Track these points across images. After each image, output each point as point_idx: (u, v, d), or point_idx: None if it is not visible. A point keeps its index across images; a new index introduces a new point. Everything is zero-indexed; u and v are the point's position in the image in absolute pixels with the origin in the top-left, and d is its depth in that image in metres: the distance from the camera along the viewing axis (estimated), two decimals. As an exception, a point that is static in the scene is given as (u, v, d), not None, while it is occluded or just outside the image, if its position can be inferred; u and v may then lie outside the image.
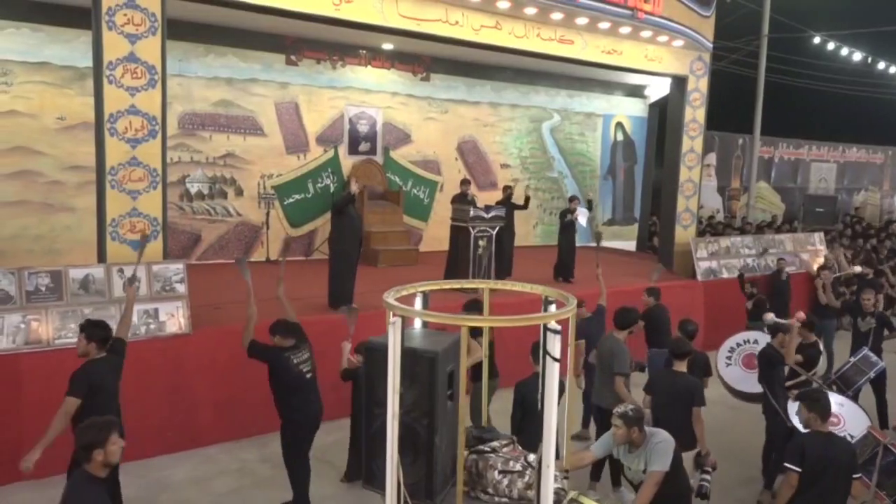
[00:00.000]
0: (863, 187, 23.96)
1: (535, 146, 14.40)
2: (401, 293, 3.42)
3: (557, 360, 3.00)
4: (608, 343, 5.98)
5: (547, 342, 3.01)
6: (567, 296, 3.32)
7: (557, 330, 3.00)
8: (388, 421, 3.03)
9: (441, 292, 4.16)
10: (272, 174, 11.11)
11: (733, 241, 12.10)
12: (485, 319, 4.17)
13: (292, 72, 11.17)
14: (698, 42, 10.98)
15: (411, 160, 12.71)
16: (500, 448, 3.71)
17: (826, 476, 4.09)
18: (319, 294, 8.35)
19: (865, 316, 7.77)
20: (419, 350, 3.17)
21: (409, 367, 3.08)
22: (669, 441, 4.15)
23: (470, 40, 8.93)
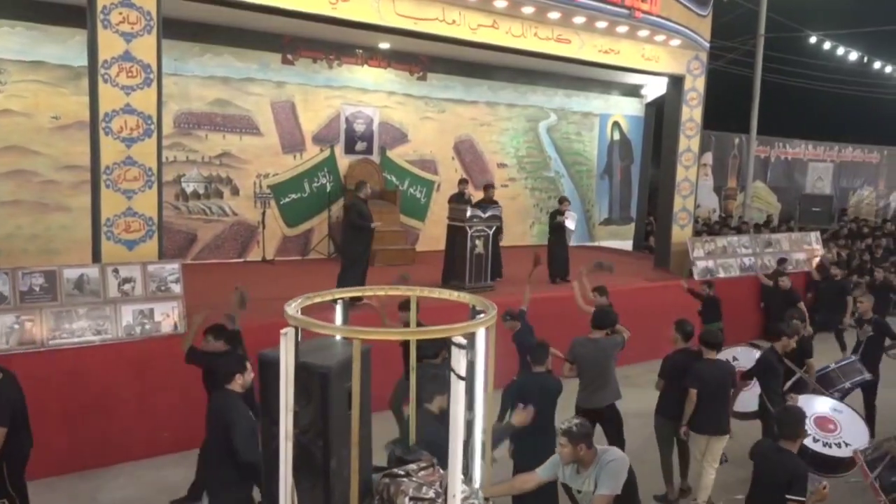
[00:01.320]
0: (859, 187, 24.01)
1: (532, 146, 14.38)
2: (313, 300, 3.14)
3: (462, 378, 2.68)
4: (600, 343, 5.88)
5: (452, 358, 2.68)
6: (488, 304, 3.01)
7: (463, 344, 2.67)
8: (281, 443, 2.77)
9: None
10: (268, 174, 11.07)
11: (730, 241, 12.11)
12: (404, 331, 3.72)
13: (288, 71, 11.14)
14: (695, 41, 10.97)
15: (408, 160, 12.68)
16: (416, 471, 3.29)
17: (767, 487, 4.08)
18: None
19: (863, 323, 7.48)
20: (312, 365, 2.83)
21: (303, 383, 2.80)
22: (623, 460, 3.83)
23: (467, 39, 8.91)
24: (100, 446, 6.15)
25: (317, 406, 2.82)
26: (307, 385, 2.81)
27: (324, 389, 2.80)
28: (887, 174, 24.99)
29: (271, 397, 2.90)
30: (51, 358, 5.95)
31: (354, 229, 8.10)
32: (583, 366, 5.85)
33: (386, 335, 3.15)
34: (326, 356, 2.90)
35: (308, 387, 2.81)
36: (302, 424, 2.83)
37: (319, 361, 2.85)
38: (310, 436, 2.85)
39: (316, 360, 2.86)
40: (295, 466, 2.79)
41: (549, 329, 8.89)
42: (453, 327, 2.69)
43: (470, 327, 2.79)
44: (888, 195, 25.28)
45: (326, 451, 2.83)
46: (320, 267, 10.78)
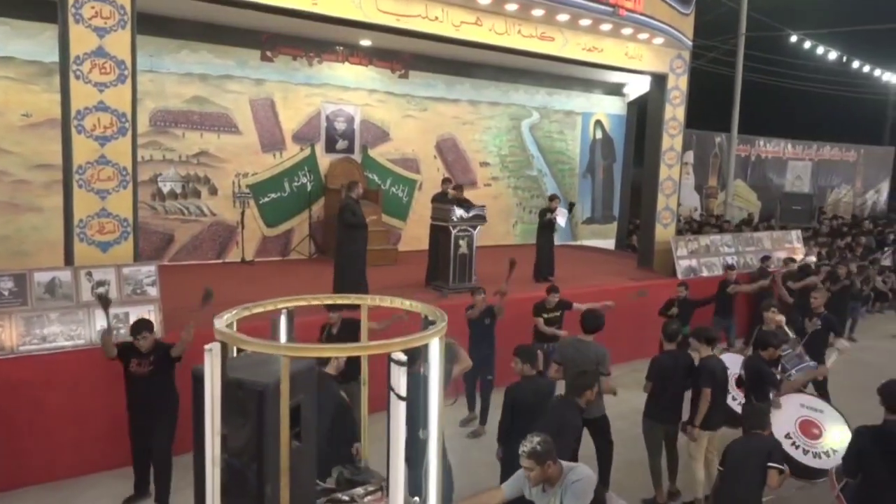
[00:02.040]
0: (836, 185, 24.27)
1: (515, 144, 14.29)
2: (252, 311, 2.90)
3: (403, 398, 2.47)
4: (583, 347, 5.76)
5: (391, 376, 2.47)
6: (439, 313, 2.79)
7: (403, 361, 2.44)
8: (208, 468, 2.54)
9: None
10: (247, 173, 10.86)
11: (713, 240, 12.11)
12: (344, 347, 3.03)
13: (268, 68, 10.93)
14: (678, 40, 10.94)
15: (390, 158, 12.53)
16: (362, 496, 3.07)
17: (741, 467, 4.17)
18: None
19: (813, 316, 7.62)
20: (247, 381, 2.54)
21: (238, 402, 2.56)
22: (589, 479, 3.64)
23: (450, 37, 8.78)
24: (75, 455, 5.94)
25: (253, 427, 2.55)
26: (243, 404, 2.54)
27: (260, 409, 2.53)
28: (864, 173, 25.31)
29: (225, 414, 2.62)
30: (21, 364, 5.73)
31: (348, 228, 7.96)
32: (568, 368, 5.74)
33: (321, 352, 2.84)
34: (267, 371, 2.58)
35: (244, 405, 2.54)
36: (236, 447, 2.57)
37: (257, 377, 2.56)
38: (244, 459, 2.58)
39: (253, 377, 2.57)
40: (226, 492, 2.55)
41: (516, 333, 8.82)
42: (394, 342, 2.45)
43: (414, 341, 2.52)
44: (864, 193, 25.61)
45: (261, 475, 2.57)
46: (301, 268, 10.61)
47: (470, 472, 5.82)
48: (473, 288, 7.61)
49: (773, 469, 4.02)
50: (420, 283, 9.36)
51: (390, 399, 2.48)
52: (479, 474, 6.11)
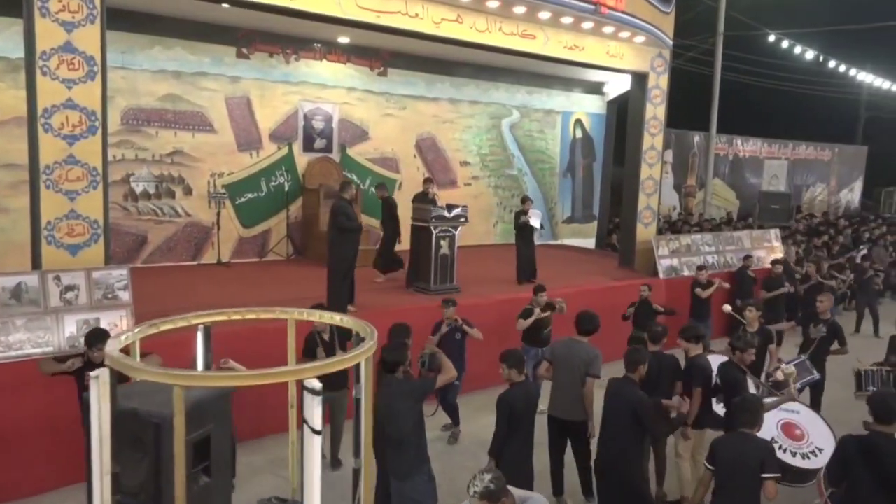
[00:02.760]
0: (812, 184, 24.54)
1: (495, 143, 14.19)
2: (160, 328, 2.62)
3: (318, 432, 2.15)
4: (577, 349, 5.64)
5: (304, 407, 2.15)
6: (370, 330, 2.50)
7: (316, 390, 2.12)
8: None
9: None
10: (223, 172, 10.62)
11: (693, 239, 12.10)
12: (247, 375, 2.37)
13: (244, 65, 10.69)
14: (659, 38, 10.90)
15: (369, 158, 12.35)
16: None
17: (735, 474, 4.03)
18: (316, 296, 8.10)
19: (818, 323, 7.37)
20: (142, 412, 2.24)
21: (134, 435, 2.26)
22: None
23: (430, 34, 8.64)
24: (45, 468, 5.71)
25: (151, 463, 2.24)
26: (139, 437, 2.25)
27: (158, 442, 2.21)
28: (838, 171, 25.62)
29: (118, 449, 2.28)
30: (-15, 373, 5.49)
31: (341, 232, 7.75)
32: (557, 368, 5.65)
33: (219, 380, 2.37)
34: (168, 400, 2.20)
35: (140, 439, 2.24)
36: (131, 485, 2.27)
37: (154, 407, 2.23)
38: (141, 499, 2.29)
39: (150, 406, 2.25)
40: None
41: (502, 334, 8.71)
42: (310, 367, 2.11)
43: (337, 364, 2.22)
44: (839, 192, 25.94)
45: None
46: (279, 269, 10.41)
47: (451, 478, 5.70)
48: (445, 299, 7.21)
49: (770, 479, 3.90)
50: (401, 285, 9.22)
51: (304, 432, 2.17)
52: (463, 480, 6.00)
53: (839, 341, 7.32)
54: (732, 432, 4.29)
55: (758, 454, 3.99)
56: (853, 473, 3.95)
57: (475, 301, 8.58)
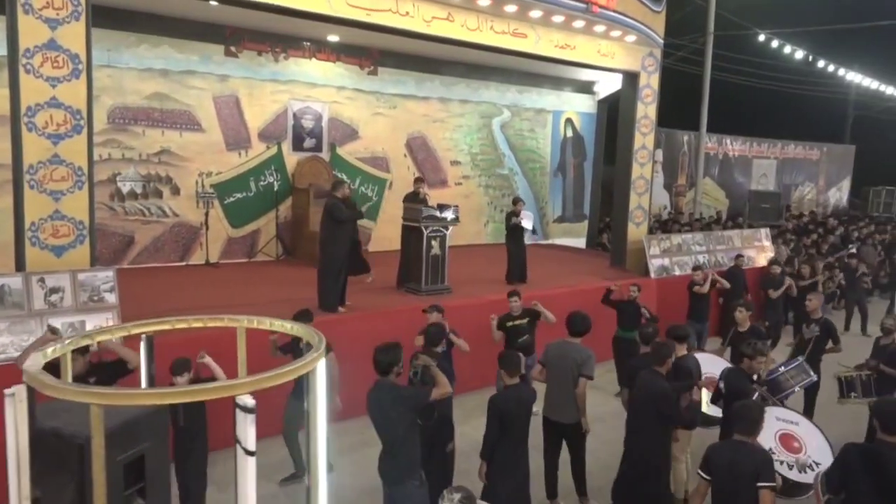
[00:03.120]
0: (800, 183, 24.64)
1: (486, 143, 14.13)
2: (95, 339, 2.52)
3: (251, 452, 1.95)
4: (569, 351, 5.56)
5: (237, 425, 1.93)
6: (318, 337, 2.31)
7: (251, 408, 1.91)
8: None
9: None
10: (211, 172, 10.50)
11: (684, 238, 12.10)
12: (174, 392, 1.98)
13: (232, 64, 10.58)
14: (650, 38, 10.87)
15: (359, 157, 12.26)
16: None
17: (731, 484, 3.92)
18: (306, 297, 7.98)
19: (810, 323, 7.35)
20: (65, 432, 2.04)
21: (56, 456, 2.07)
22: None
23: (421, 32, 8.56)
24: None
25: (76, 487, 2.03)
26: (62, 459, 2.05)
27: (83, 465, 2.00)
28: (826, 171, 25.74)
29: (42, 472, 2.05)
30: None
31: (333, 226, 7.68)
32: (550, 370, 5.60)
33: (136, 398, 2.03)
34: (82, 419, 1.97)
35: (63, 461, 2.05)
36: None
37: (79, 427, 1.99)
38: None
39: (75, 425, 2.01)
40: None
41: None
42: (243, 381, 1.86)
43: (276, 377, 1.95)
44: (827, 191, 26.07)
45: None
46: (268, 270, 10.30)
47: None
48: (430, 307, 6.77)
49: (766, 489, 3.79)
50: (392, 286, 9.14)
51: (237, 454, 1.95)
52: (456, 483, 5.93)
53: (832, 339, 7.30)
54: (728, 439, 4.18)
55: (753, 463, 3.88)
56: (853, 482, 3.87)
57: (466, 302, 8.51)
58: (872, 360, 6.70)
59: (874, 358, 6.76)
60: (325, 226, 7.81)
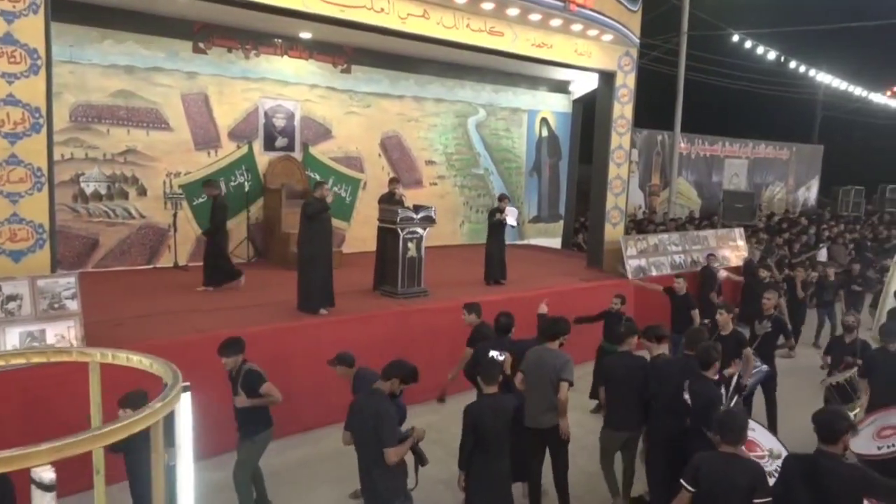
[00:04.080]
0: (770, 183, 24.91)
1: (461, 142, 13.97)
2: None
3: None
4: (547, 357, 5.37)
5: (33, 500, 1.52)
6: (172, 373, 1.90)
7: (49, 485, 1.51)
8: None
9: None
10: (179, 172, 10.18)
11: (661, 239, 12.06)
12: None
13: (201, 60, 10.27)
14: (627, 37, 10.81)
15: (332, 157, 12.01)
16: None
17: (724, 498, 3.72)
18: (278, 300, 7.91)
19: (763, 319, 7.27)
20: None
21: None
22: None
23: (396, 29, 8.37)
24: None
25: None
26: None
27: None
28: (796, 170, 26.07)
29: None
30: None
31: (307, 225, 7.64)
32: (529, 378, 5.43)
33: None
34: None
35: None
36: None
37: None
38: None
39: None
40: None
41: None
42: (39, 449, 1.45)
43: (97, 440, 1.56)
44: (796, 190, 26.40)
45: None
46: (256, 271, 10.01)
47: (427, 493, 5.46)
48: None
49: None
50: (368, 288, 8.93)
51: None
52: (437, 493, 5.77)
53: (784, 335, 7.45)
54: (716, 451, 3.94)
55: (749, 477, 3.69)
56: (794, 495, 3.74)
57: (445, 305, 8.35)
58: (850, 358, 6.71)
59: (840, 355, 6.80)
60: (300, 225, 7.76)
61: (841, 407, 4.43)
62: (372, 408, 4.30)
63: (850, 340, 6.89)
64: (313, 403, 6.90)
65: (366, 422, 4.29)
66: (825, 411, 4.08)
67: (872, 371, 6.02)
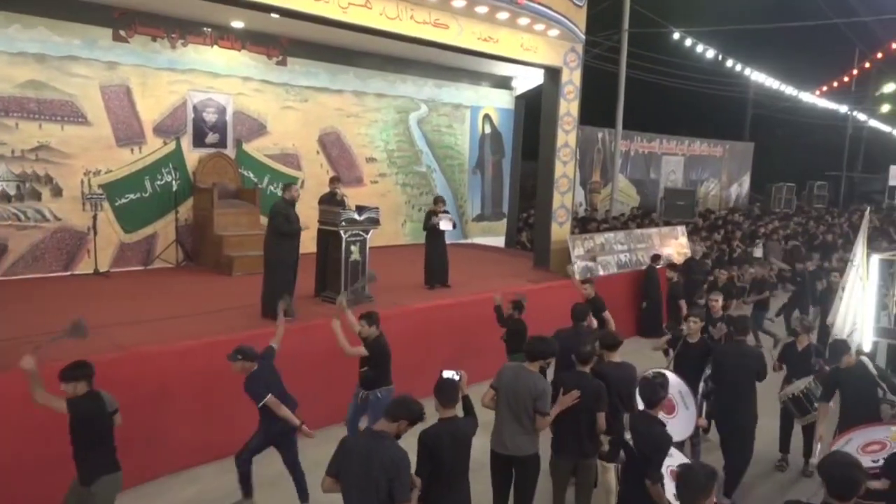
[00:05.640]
0: (705, 179, 25.40)
1: (403, 139, 13.51)
2: None
3: None
4: (525, 380, 4.87)
5: None
6: None
7: None
8: None
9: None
10: (99, 170, 9.39)
11: (607, 238, 11.92)
12: None
13: (122, 49, 9.49)
14: (573, 32, 10.58)
15: (268, 154, 11.37)
16: None
17: None
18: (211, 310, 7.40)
19: (715, 322, 7.14)
20: None
21: None
22: None
23: (336, 19, 7.86)
24: None
25: None
26: None
27: None
28: (729, 167, 26.68)
29: None
30: None
31: (278, 236, 7.36)
32: (503, 397, 4.91)
33: None
34: None
35: None
36: None
37: None
38: None
39: None
40: None
41: (428, 345, 8.12)
42: None
43: None
44: (729, 187, 27.03)
45: None
46: (167, 278, 9.33)
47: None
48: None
49: None
50: (308, 294, 8.41)
51: None
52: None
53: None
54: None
55: None
56: None
57: (389, 311, 7.92)
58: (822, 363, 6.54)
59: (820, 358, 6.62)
60: (269, 230, 7.47)
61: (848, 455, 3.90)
62: (384, 455, 3.69)
63: (802, 348, 6.72)
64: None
65: (372, 470, 3.68)
66: (836, 463, 3.45)
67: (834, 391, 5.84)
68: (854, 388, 5.68)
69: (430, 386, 4.34)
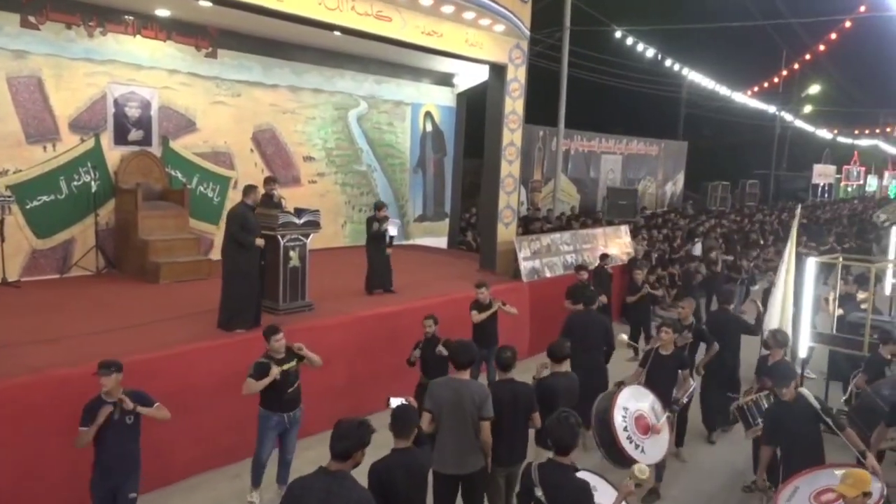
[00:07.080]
0: (642, 178, 25.73)
1: (342, 136, 12.98)
2: None
3: None
4: (463, 390, 4.62)
5: None
6: None
7: None
8: None
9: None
10: (7, 170, 8.55)
11: (553, 239, 11.72)
12: None
13: (31, 37, 8.66)
14: (518, 28, 10.31)
15: (197, 152, 10.66)
16: None
17: None
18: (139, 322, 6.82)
19: (682, 329, 6.92)
20: None
21: None
22: None
23: (272, 8, 7.37)
24: None
25: None
26: None
27: None
28: (664, 165, 27.12)
29: None
30: None
31: (234, 243, 6.85)
32: (444, 416, 4.64)
33: None
34: None
35: None
36: None
37: None
38: None
39: None
40: None
41: (371, 355, 7.66)
42: None
43: None
44: (665, 185, 27.48)
45: None
46: (86, 287, 8.59)
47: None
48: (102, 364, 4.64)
49: None
50: (242, 304, 7.81)
51: None
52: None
53: (706, 342, 7.24)
54: None
55: None
56: None
57: (331, 321, 7.46)
58: (768, 381, 6.25)
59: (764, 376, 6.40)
60: (226, 237, 6.94)
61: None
62: (343, 498, 3.24)
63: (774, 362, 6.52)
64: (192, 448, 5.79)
65: None
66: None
67: (776, 432, 5.10)
68: (797, 426, 4.96)
69: (376, 401, 3.94)
